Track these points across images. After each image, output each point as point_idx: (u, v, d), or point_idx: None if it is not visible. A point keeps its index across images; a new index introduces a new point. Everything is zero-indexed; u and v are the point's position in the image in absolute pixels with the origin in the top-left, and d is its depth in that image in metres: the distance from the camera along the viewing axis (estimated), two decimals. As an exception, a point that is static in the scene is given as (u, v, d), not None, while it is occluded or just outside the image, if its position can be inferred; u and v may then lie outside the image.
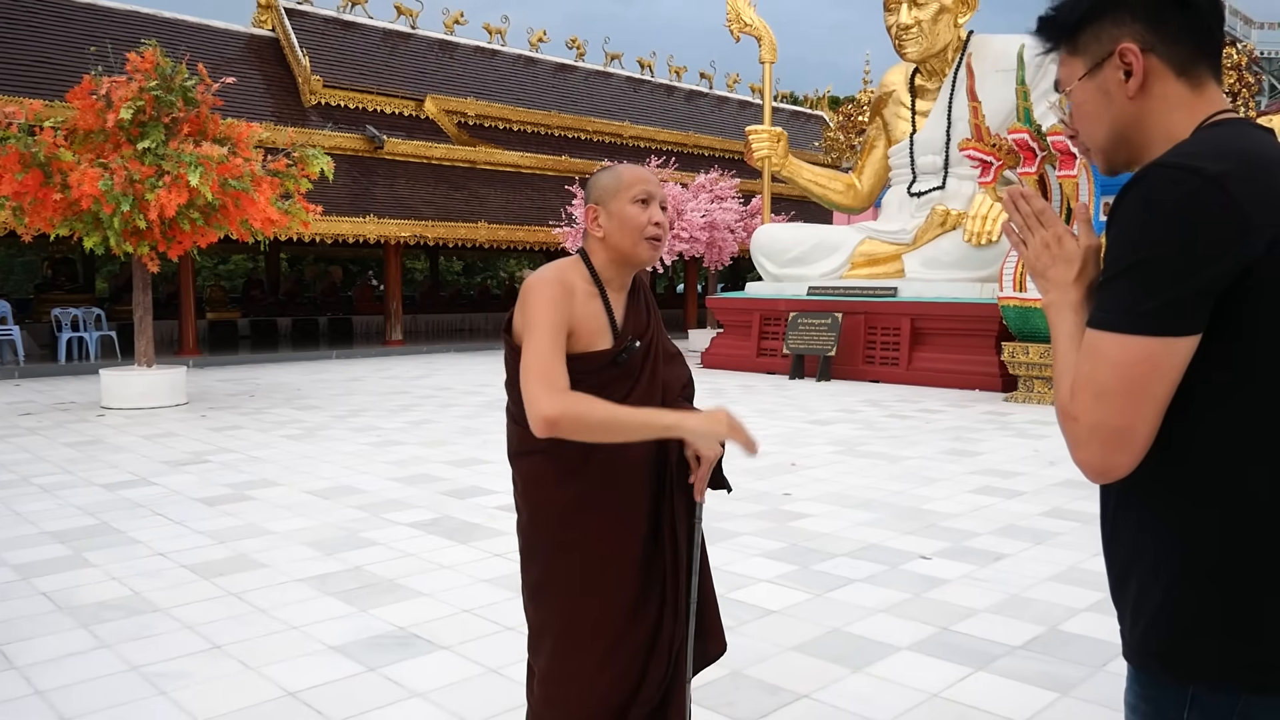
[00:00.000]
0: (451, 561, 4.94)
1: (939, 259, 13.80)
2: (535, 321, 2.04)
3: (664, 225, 2.17)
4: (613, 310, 2.19)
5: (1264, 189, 1.16)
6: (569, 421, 1.92)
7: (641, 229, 2.14)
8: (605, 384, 2.12)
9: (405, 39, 24.48)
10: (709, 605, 2.32)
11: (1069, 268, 1.33)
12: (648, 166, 19.03)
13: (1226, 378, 1.19)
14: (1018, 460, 7.66)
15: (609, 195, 2.16)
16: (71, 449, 8.38)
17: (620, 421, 1.96)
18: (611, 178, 2.19)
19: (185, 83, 10.68)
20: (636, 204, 2.14)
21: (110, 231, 10.21)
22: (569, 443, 2.08)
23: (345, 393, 12.79)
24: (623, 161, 17.65)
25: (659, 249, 2.18)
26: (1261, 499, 1.20)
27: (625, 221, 2.14)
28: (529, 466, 2.18)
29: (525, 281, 2.14)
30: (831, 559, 4.94)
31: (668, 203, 2.23)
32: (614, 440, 2.00)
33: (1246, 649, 1.20)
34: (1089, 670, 3.50)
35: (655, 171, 19.16)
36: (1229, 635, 1.21)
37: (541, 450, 2.14)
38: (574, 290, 2.13)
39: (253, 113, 18.70)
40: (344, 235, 18.26)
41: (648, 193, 2.15)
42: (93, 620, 4.08)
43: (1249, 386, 1.19)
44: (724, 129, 29.38)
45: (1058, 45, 1.38)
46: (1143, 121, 1.32)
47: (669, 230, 2.22)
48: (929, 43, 14.49)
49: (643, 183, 2.16)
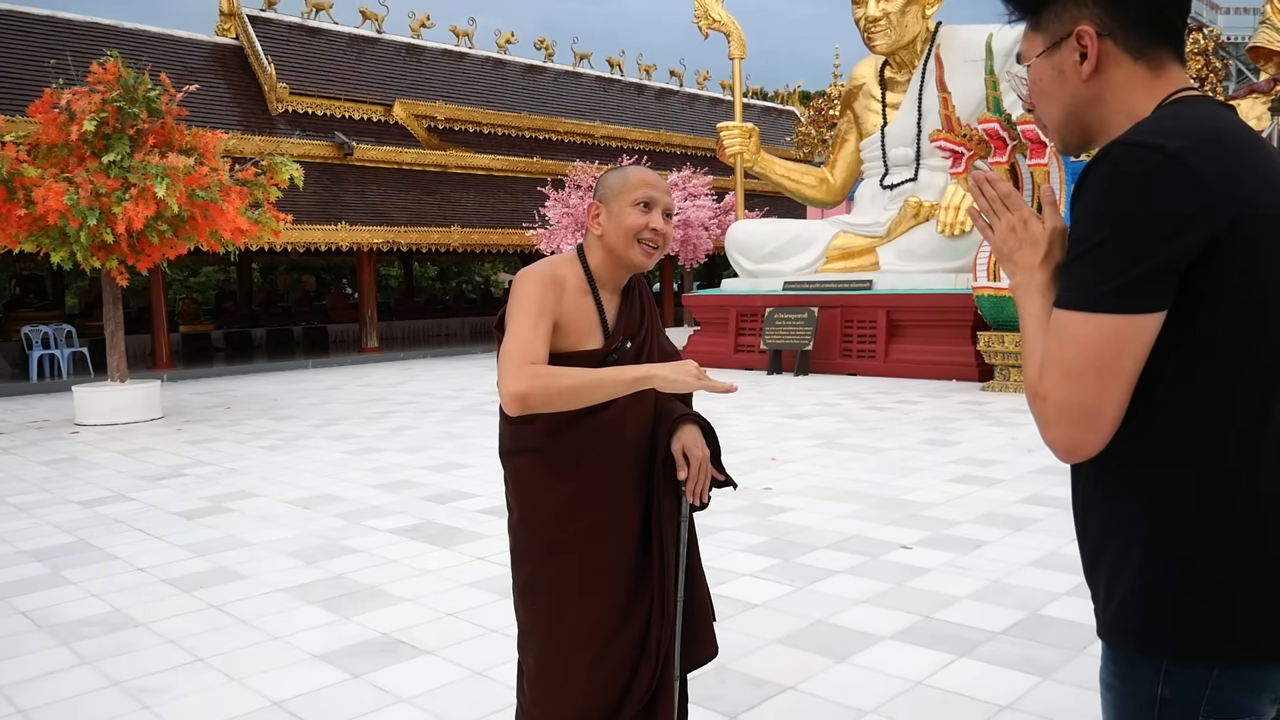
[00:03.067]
0: (434, 566, 4.93)
1: (913, 251, 13.88)
2: (517, 310, 2.05)
3: (663, 234, 2.15)
4: (604, 309, 2.18)
5: (1225, 163, 1.17)
6: (537, 393, 1.91)
7: (637, 232, 2.12)
8: None
9: (372, 44, 24.34)
10: (700, 608, 2.30)
11: (1035, 250, 1.34)
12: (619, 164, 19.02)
13: (1191, 352, 1.20)
14: (996, 448, 7.72)
15: (613, 195, 2.15)
16: (47, 467, 8.28)
17: (589, 382, 1.94)
18: (619, 178, 2.18)
19: (149, 93, 10.58)
20: (637, 207, 2.13)
21: (77, 246, 10.08)
22: (562, 441, 2.09)
23: (322, 401, 12.71)
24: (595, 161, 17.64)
25: (654, 255, 2.16)
26: (1228, 472, 1.21)
27: (622, 223, 2.13)
28: (521, 465, 2.17)
29: (518, 276, 2.14)
30: (813, 551, 4.96)
31: (673, 212, 2.20)
32: (587, 403, 1.97)
33: (1217, 624, 1.22)
34: (1069, 653, 3.53)
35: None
36: (1200, 610, 1.22)
37: (534, 449, 2.13)
38: (564, 285, 2.13)
39: (219, 122, 18.53)
40: (316, 243, 18.15)
41: (650, 197, 2.14)
42: (73, 638, 4.04)
43: (1212, 360, 1.20)
44: (695, 126, 29.42)
45: (1022, 17, 1.39)
46: (1097, 103, 1.34)
47: (669, 240, 2.20)
48: (897, 35, 14.57)
49: (647, 187, 2.14)
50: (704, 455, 2.13)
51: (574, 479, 2.12)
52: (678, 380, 1.95)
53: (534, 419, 2.10)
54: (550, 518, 2.14)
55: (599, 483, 2.12)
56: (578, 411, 2.07)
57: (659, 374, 1.96)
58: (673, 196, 2.25)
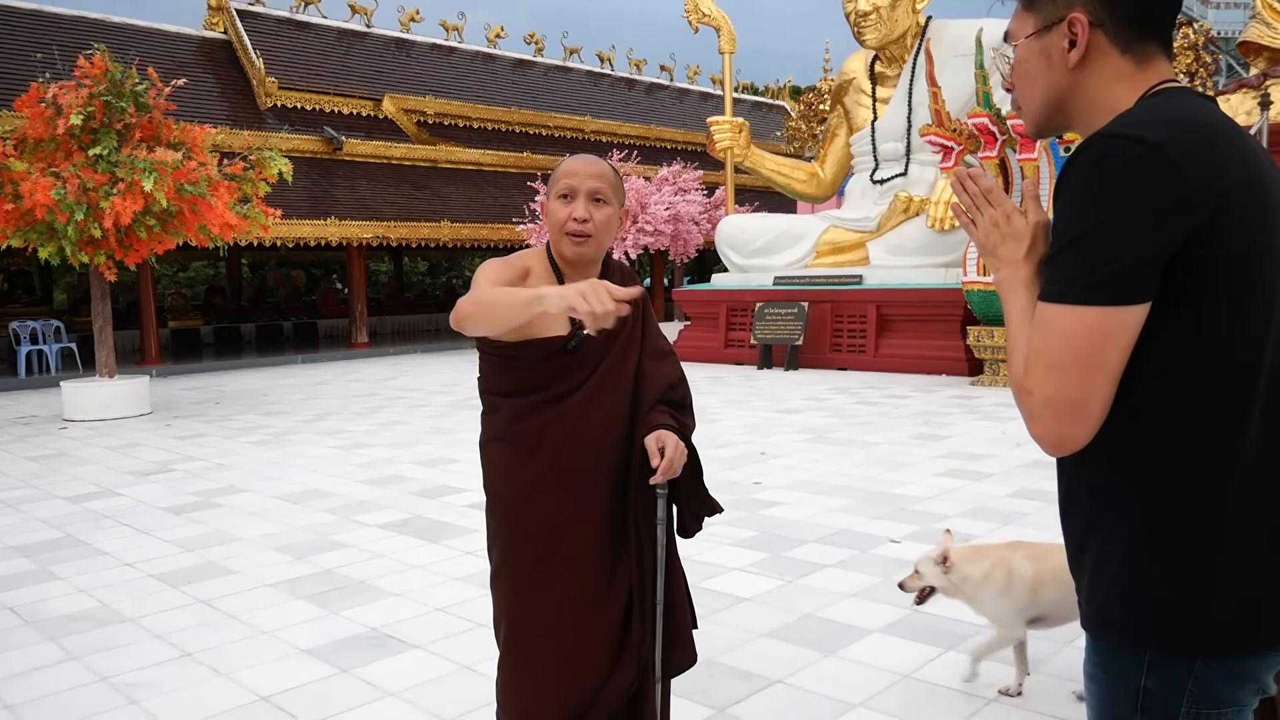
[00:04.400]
0: (423, 561, 4.92)
1: (903, 245, 13.90)
2: (475, 283, 2.09)
3: (591, 220, 2.11)
4: None
5: (1206, 155, 1.18)
6: (464, 308, 1.95)
7: (561, 225, 2.13)
8: (559, 371, 2.13)
9: (361, 38, 24.25)
10: (679, 615, 2.28)
11: (1018, 245, 1.35)
12: (609, 159, 19.02)
13: (1173, 345, 1.20)
14: (985, 443, 7.75)
15: (549, 189, 2.18)
16: (34, 463, 8.24)
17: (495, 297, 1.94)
18: (556, 171, 2.19)
19: (136, 88, 10.52)
20: (560, 200, 2.13)
21: (65, 241, 10.03)
22: (523, 428, 2.11)
23: (312, 397, 12.68)
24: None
25: (581, 244, 2.13)
26: (1210, 466, 1.22)
27: (550, 216, 2.15)
28: (491, 453, 2.21)
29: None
30: (802, 545, 4.97)
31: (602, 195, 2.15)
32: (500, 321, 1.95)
33: (1200, 615, 1.22)
34: (1057, 646, 3.55)
35: (619, 165, 19.11)
36: (1183, 602, 1.23)
37: (500, 437, 2.17)
38: (528, 272, 2.16)
39: (207, 116, 18.43)
40: (305, 238, 18.09)
41: (569, 188, 2.13)
42: (60, 633, 4.02)
43: (1194, 352, 1.20)
44: (686, 121, 29.39)
45: None
46: (1078, 92, 1.34)
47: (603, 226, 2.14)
48: (887, 29, 14.58)
49: (567, 177, 2.14)
50: (677, 442, 2.09)
51: (534, 467, 2.13)
52: (564, 297, 1.79)
53: (500, 408, 2.15)
54: (512, 504, 2.16)
55: (558, 471, 2.13)
56: (538, 400, 2.11)
57: (548, 294, 1.84)
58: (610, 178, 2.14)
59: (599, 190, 2.13)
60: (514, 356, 2.14)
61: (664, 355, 2.27)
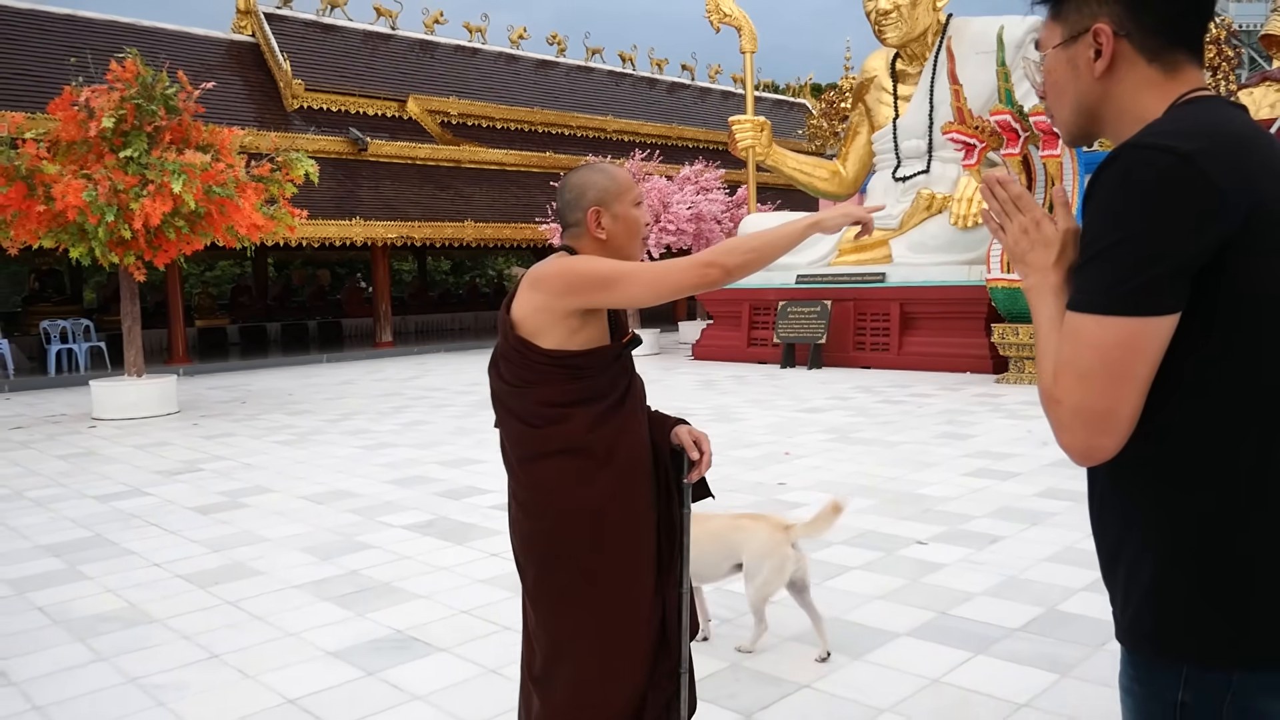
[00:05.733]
0: (448, 563, 4.94)
1: (926, 243, 13.81)
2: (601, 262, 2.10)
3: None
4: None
5: (1236, 165, 1.16)
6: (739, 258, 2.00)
7: (643, 232, 2.23)
8: (613, 378, 2.18)
9: (386, 40, 24.38)
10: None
11: (1048, 252, 1.33)
12: (631, 161, 19.00)
13: (1205, 358, 1.19)
14: (1011, 441, 7.68)
15: (611, 198, 2.18)
16: (63, 461, 8.34)
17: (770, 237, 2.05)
18: (608, 180, 2.19)
19: (166, 91, 10.63)
20: (638, 207, 2.21)
21: (95, 242, 10.15)
22: (599, 436, 2.12)
23: (337, 396, 12.76)
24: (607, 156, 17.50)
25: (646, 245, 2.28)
26: (1243, 475, 1.20)
27: (630, 225, 2.20)
28: (549, 469, 2.14)
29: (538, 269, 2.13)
30: (828, 547, 4.95)
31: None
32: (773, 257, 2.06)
33: (1236, 627, 1.20)
34: (1088, 650, 3.51)
35: (640, 164, 19.14)
36: (1218, 615, 1.21)
37: (567, 449, 2.12)
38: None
39: (235, 118, 18.59)
40: (330, 238, 18.20)
41: (640, 197, 2.23)
42: (89, 633, 4.07)
43: (1227, 365, 1.19)
44: (707, 120, 29.34)
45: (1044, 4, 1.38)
46: (1107, 101, 1.33)
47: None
48: (908, 27, 14.49)
49: (637, 186, 2.24)
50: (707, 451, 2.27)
51: (606, 475, 2.13)
52: (836, 218, 2.08)
53: (569, 418, 2.11)
54: (589, 518, 2.13)
55: (628, 477, 2.17)
56: (603, 408, 2.13)
57: (823, 218, 2.09)
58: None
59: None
60: (579, 366, 2.12)
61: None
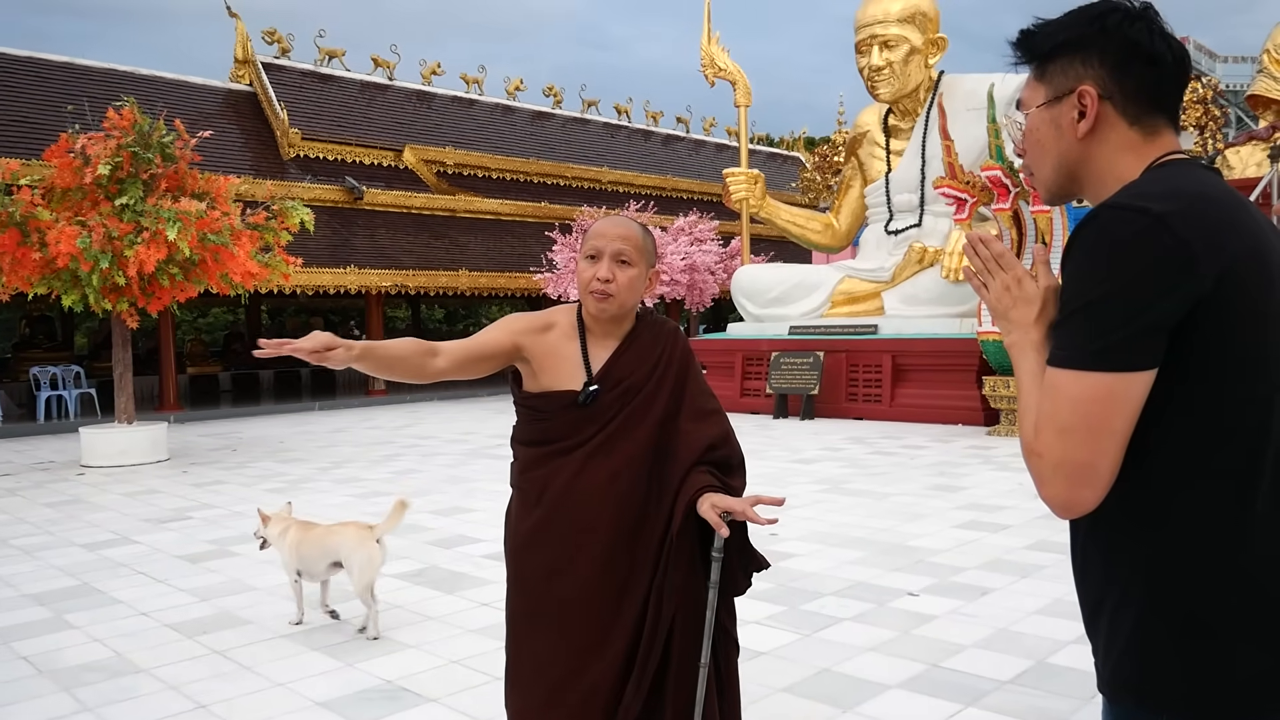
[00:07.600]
0: (439, 612, 4.91)
1: (918, 295, 13.93)
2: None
3: (611, 280, 2.18)
4: (588, 355, 2.24)
5: (1209, 227, 1.21)
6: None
7: (586, 284, 2.21)
8: (572, 424, 2.20)
9: (383, 90, 24.66)
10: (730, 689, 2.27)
11: (1029, 309, 1.37)
12: (625, 211, 19.18)
13: (1179, 410, 1.22)
14: (1002, 494, 7.69)
15: (580, 249, 2.28)
16: (51, 509, 8.29)
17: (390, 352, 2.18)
18: (587, 232, 2.28)
19: (163, 139, 10.73)
20: (587, 260, 2.23)
21: (89, 289, 10.18)
22: (530, 477, 2.24)
23: (328, 444, 12.72)
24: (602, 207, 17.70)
25: (603, 302, 2.20)
26: (1222, 528, 1.22)
27: (579, 277, 2.24)
28: (512, 499, 2.34)
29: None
30: (819, 598, 4.94)
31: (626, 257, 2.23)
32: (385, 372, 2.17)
33: (1217, 678, 1.22)
34: (1077, 703, 3.50)
35: (635, 215, 19.28)
36: (1199, 665, 1.23)
37: (513, 484, 2.32)
38: (551, 326, 2.28)
39: (231, 166, 18.74)
40: (325, 286, 18.27)
41: (596, 248, 2.22)
42: (74, 683, 4.03)
43: (1199, 418, 1.22)
44: (702, 172, 29.66)
45: (1029, 63, 1.42)
46: (1088, 162, 1.38)
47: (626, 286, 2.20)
48: (901, 84, 14.76)
49: (595, 238, 2.23)
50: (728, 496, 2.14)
51: (534, 516, 2.23)
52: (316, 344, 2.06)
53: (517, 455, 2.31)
54: (515, 551, 2.27)
55: (553, 522, 2.20)
56: (546, 452, 2.21)
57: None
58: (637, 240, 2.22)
59: (623, 252, 2.21)
60: (536, 408, 2.25)
61: (705, 415, 2.26)
